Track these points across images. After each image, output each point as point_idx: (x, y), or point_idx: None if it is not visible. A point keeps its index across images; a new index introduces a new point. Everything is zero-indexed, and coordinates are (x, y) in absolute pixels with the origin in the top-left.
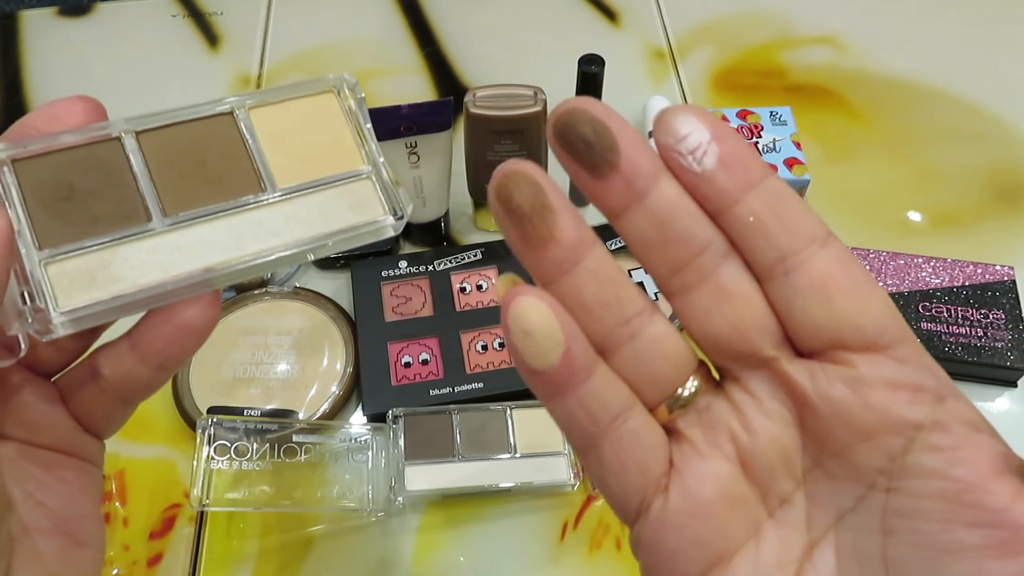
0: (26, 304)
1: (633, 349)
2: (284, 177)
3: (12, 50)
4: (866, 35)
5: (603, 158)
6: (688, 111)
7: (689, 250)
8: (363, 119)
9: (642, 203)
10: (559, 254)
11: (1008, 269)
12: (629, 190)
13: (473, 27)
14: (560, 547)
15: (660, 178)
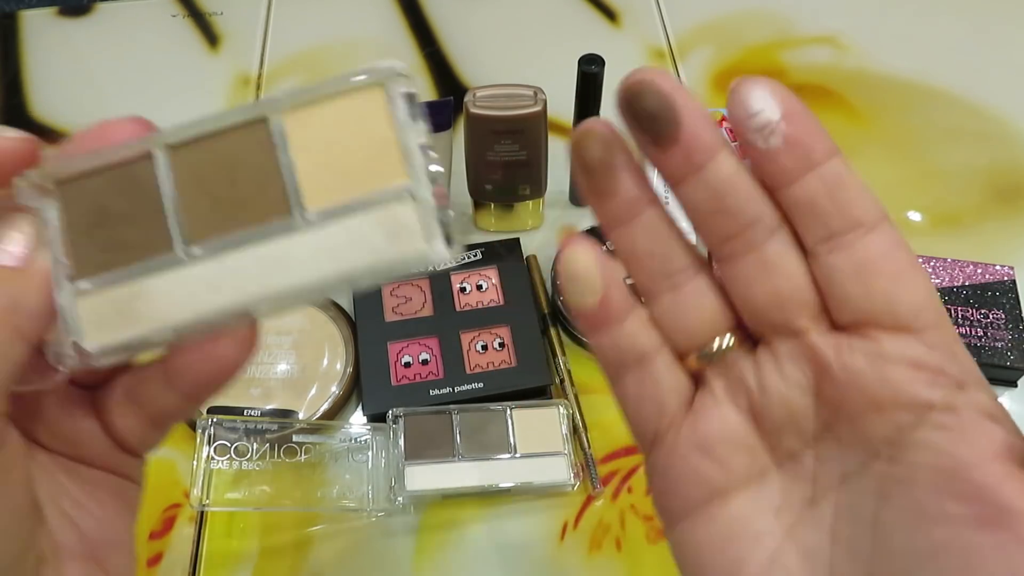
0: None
1: (672, 299)
2: (316, 197)
3: (12, 50)
4: (866, 35)
5: (666, 131)
6: (763, 85)
7: (739, 223)
8: (410, 119)
9: (699, 175)
10: (618, 206)
11: (1008, 269)
12: (688, 162)
13: (473, 27)
14: (560, 547)
15: (719, 153)
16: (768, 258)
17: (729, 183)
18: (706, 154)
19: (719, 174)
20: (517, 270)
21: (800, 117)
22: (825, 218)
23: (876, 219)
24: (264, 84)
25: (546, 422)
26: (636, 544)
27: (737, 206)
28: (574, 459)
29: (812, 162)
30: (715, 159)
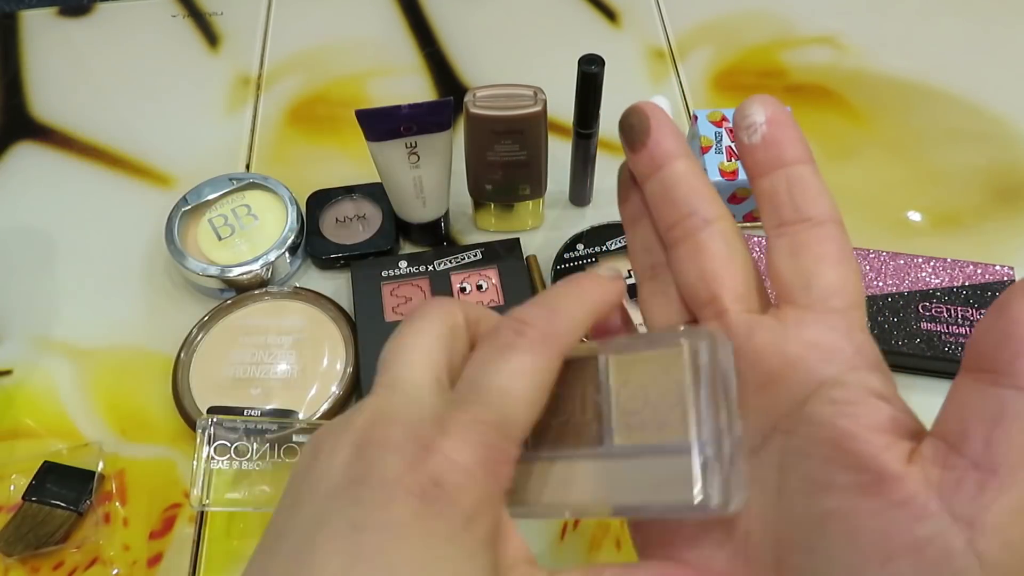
0: None
1: (677, 253)
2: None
3: (12, 50)
4: (866, 35)
5: (638, 138)
6: (761, 98)
7: (679, 212)
8: (706, 384)
9: (658, 173)
10: (646, 159)
11: (1008, 269)
12: (651, 163)
13: (473, 27)
14: (560, 547)
15: (675, 159)
16: (700, 243)
17: (677, 181)
18: (664, 158)
19: (672, 173)
20: (517, 270)
21: (781, 125)
22: (780, 208)
23: (825, 218)
24: (264, 84)
25: None
26: None
27: (679, 198)
28: None
29: (782, 162)
30: (671, 163)
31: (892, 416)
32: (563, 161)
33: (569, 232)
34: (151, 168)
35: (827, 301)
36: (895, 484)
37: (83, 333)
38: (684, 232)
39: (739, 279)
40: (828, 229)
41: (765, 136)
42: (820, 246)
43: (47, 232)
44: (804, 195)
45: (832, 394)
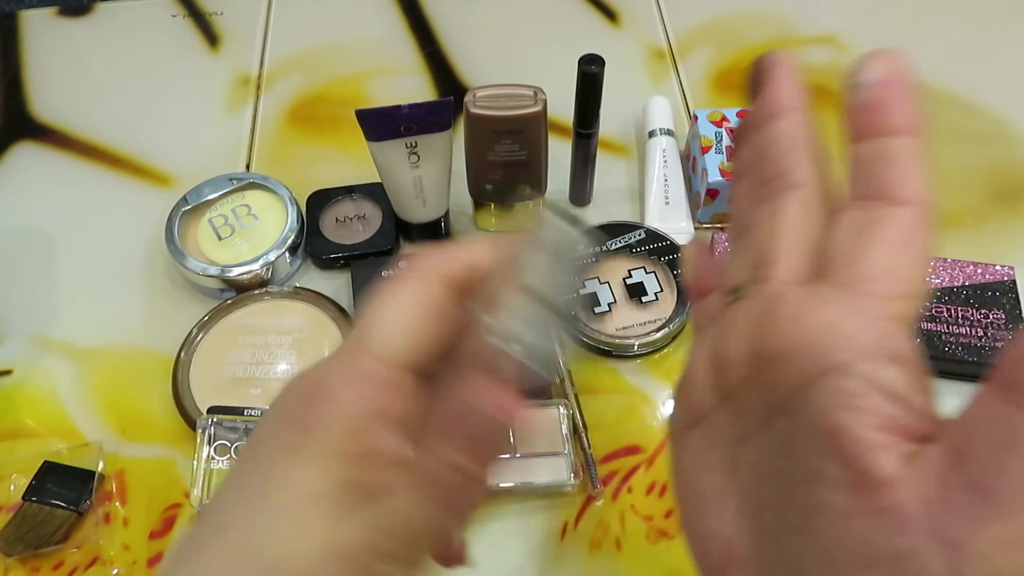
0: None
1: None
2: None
3: (12, 50)
4: (866, 35)
5: (756, 86)
6: (884, 56)
7: (771, 171)
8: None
9: (767, 125)
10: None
11: (1008, 269)
12: (764, 112)
13: (473, 27)
14: (560, 547)
15: (786, 114)
16: (776, 207)
17: (779, 136)
18: (774, 111)
19: (777, 128)
20: None
21: (894, 88)
22: (864, 179)
23: (906, 199)
24: (264, 84)
25: (546, 422)
26: (636, 544)
27: (774, 155)
28: (574, 459)
29: (882, 129)
30: (779, 117)
31: (896, 415)
32: (563, 161)
33: None
34: (151, 168)
35: (867, 284)
36: (883, 488)
37: (83, 333)
38: (771, 191)
39: (799, 249)
40: (904, 211)
41: (872, 98)
42: (884, 227)
43: (47, 232)
44: (893, 171)
45: (836, 383)
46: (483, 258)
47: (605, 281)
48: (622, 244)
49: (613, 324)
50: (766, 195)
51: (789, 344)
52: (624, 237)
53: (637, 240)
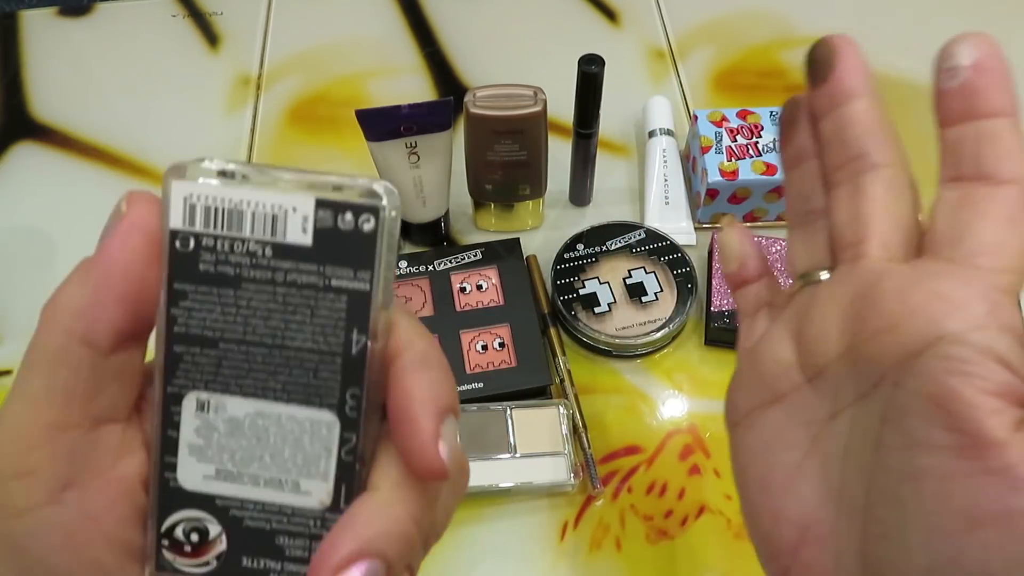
0: None
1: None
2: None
3: (12, 50)
4: (866, 35)
5: (821, 72)
6: (974, 40)
7: (848, 153)
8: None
9: (836, 110)
10: (826, 95)
11: None
12: (831, 99)
13: (473, 27)
14: (560, 547)
15: (856, 98)
16: (860, 186)
17: (854, 120)
18: (845, 96)
19: (850, 111)
20: (517, 270)
21: (988, 72)
22: (960, 161)
23: (1007, 179)
24: (264, 84)
25: (546, 422)
26: (636, 544)
27: (850, 138)
28: (574, 459)
29: (976, 112)
30: (851, 101)
31: (1008, 381)
32: (563, 161)
33: (569, 232)
34: (151, 168)
35: (974, 258)
36: (994, 450)
37: None
38: (850, 173)
39: (891, 227)
40: (1006, 190)
41: (966, 83)
42: (988, 204)
43: (47, 232)
44: (991, 152)
45: (948, 350)
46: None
47: (605, 281)
48: (622, 244)
49: (613, 324)
50: (843, 177)
51: (897, 315)
52: (624, 237)
53: (637, 240)
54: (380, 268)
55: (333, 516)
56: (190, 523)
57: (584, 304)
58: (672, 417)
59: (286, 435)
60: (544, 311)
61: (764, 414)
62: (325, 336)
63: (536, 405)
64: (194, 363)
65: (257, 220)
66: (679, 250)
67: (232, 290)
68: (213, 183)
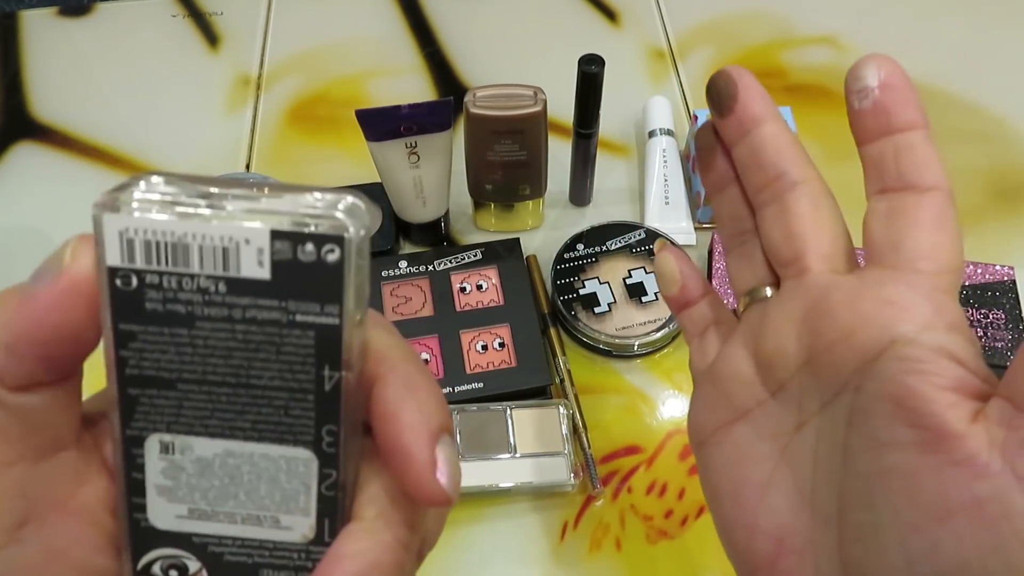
0: None
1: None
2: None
3: (12, 50)
4: (866, 35)
5: (725, 104)
6: (875, 59)
7: (768, 175)
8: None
9: (746, 137)
10: (735, 124)
11: (1008, 269)
12: (739, 127)
13: (473, 27)
14: (560, 547)
15: (764, 123)
16: (787, 204)
17: (765, 143)
18: (752, 123)
19: (760, 137)
20: (517, 270)
21: (895, 90)
22: (883, 174)
23: (929, 186)
24: (264, 84)
25: (546, 422)
26: (636, 544)
27: (768, 161)
28: (574, 459)
29: (891, 128)
30: (759, 126)
31: (960, 376)
32: (563, 161)
33: (569, 232)
34: (151, 168)
35: (914, 263)
36: (956, 442)
37: None
38: (772, 194)
39: (825, 239)
40: (930, 197)
41: (876, 102)
42: (917, 212)
43: (47, 232)
44: (910, 163)
45: (902, 351)
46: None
47: (605, 281)
48: (622, 244)
49: (613, 324)
50: (767, 198)
51: (851, 323)
52: (624, 237)
53: (637, 240)
54: (349, 298)
55: (318, 548)
56: (167, 560)
57: (584, 304)
58: (672, 417)
59: (261, 473)
60: (544, 311)
61: (730, 431)
62: (294, 373)
63: (536, 405)
64: (152, 405)
65: (206, 254)
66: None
67: (185, 329)
68: (152, 216)
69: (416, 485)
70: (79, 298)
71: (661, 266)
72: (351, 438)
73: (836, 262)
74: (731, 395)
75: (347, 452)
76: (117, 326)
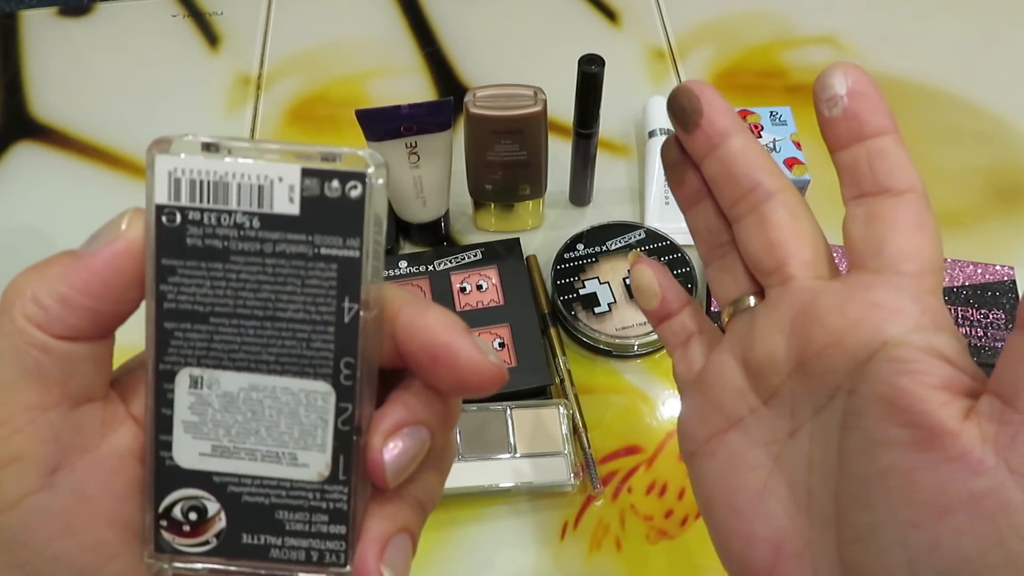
0: None
1: (742, 226)
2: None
3: (12, 50)
4: (866, 35)
5: (691, 120)
6: (843, 67)
7: (742, 187)
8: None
9: (715, 152)
10: (702, 140)
11: (1008, 269)
12: (708, 142)
13: (473, 27)
14: (560, 547)
15: (731, 136)
16: (764, 215)
17: (736, 157)
18: (720, 137)
19: (730, 150)
20: (517, 270)
21: (863, 97)
22: (859, 181)
23: (904, 188)
24: (264, 84)
25: (546, 422)
26: (636, 544)
27: (741, 174)
28: (574, 459)
29: (863, 135)
30: (727, 140)
31: (951, 375)
32: (563, 161)
33: (569, 232)
34: None
35: (897, 265)
36: (950, 439)
37: None
38: (748, 206)
39: (805, 247)
40: (906, 199)
41: (846, 109)
42: (895, 214)
43: (47, 232)
44: (884, 167)
45: (893, 353)
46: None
47: (605, 281)
48: (622, 244)
49: (613, 324)
50: (743, 211)
51: (840, 328)
52: (624, 237)
53: (637, 240)
54: (369, 234)
55: (332, 487)
56: (188, 502)
57: (584, 304)
58: (672, 417)
59: (281, 407)
60: (544, 311)
61: (722, 440)
62: (316, 306)
63: (536, 405)
64: (185, 339)
65: (243, 192)
66: (679, 250)
67: (221, 263)
68: (198, 157)
69: (470, 369)
70: (131, 260)
71: (638, 279)
72: (367, 376)
73: (818, 269)
74: (722, 404)
75: (362, 389)
76: (160, 261)
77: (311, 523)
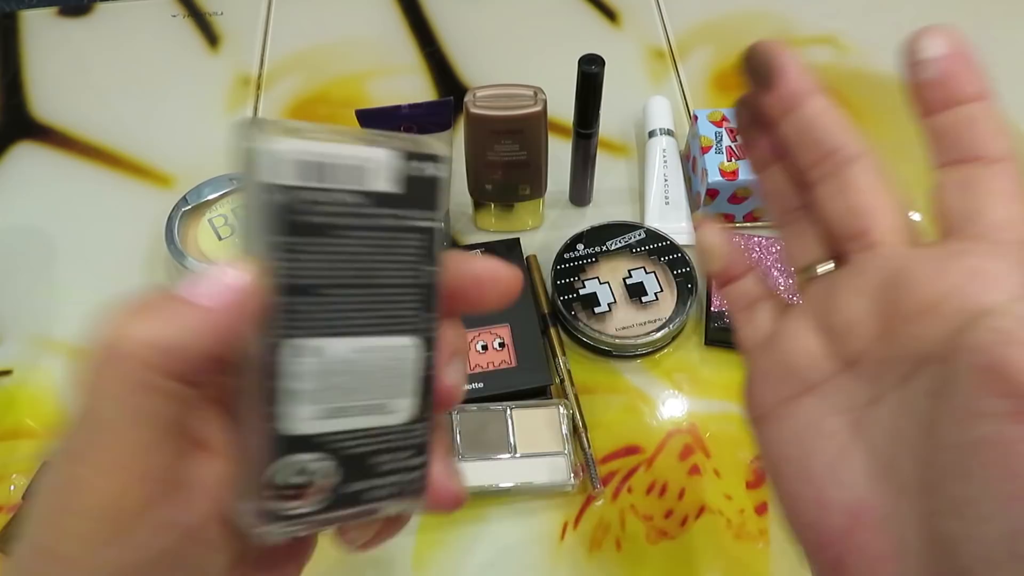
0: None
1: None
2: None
3: (12, 50)
4: (866, 35)
5: (768, 79)
6: (941, 31)
7: (821, 151)
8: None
9: (793, 114)
10: (778, 99)
11: None
12: (784, 103)
13: (473, 27)
14: (560, 547)
15: (809, 97)
16: (847, 179)
17: (814, 119)
18: (798, 97)
19: (807, 112)
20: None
21: (961, 60)
22: (952, 147)
23: (1000, 157)
24: (264, 84)
25: (546, 422)
26: (636, 544)
27: (820, 136)
28: (574, 459)
29: (957, 99)
30: (805, 101)
31: None
32: (563, 161)
33: (569, 232)
34: (151, 168)
35: (996, 233)
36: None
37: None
38: (830, 169)
39: (892, 212)
40: (1002, 167)
41: (943, 73)
42: (992, 183)
43: (47, 232)
44: (980, 134)
45: (993, 322)
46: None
47: (605, 281)
48: (622, 244)
49: (613, 324)
50: (823, 174)
51: (934, 295)
52: (624, 237)
53: (637, 240)
54: (444, 205)
55: (415, 426)
56: (295, 466)
57: (584, 304)
58: (672, 417)
59: (377, 365)
60: (544, 311)
61: (795, 405)
62: (405, 270)
63: (536, 405)
64: (292, 312)
65: (343, 172)
66: (679, 250)
67: (324, 238)
68: (298, 140)
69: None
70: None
71: (703, 241)
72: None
73: (906, 234)
74: (796, 369)
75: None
76: (269, 238)
77: (398, 460)
